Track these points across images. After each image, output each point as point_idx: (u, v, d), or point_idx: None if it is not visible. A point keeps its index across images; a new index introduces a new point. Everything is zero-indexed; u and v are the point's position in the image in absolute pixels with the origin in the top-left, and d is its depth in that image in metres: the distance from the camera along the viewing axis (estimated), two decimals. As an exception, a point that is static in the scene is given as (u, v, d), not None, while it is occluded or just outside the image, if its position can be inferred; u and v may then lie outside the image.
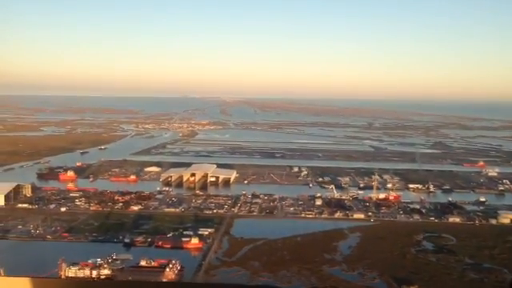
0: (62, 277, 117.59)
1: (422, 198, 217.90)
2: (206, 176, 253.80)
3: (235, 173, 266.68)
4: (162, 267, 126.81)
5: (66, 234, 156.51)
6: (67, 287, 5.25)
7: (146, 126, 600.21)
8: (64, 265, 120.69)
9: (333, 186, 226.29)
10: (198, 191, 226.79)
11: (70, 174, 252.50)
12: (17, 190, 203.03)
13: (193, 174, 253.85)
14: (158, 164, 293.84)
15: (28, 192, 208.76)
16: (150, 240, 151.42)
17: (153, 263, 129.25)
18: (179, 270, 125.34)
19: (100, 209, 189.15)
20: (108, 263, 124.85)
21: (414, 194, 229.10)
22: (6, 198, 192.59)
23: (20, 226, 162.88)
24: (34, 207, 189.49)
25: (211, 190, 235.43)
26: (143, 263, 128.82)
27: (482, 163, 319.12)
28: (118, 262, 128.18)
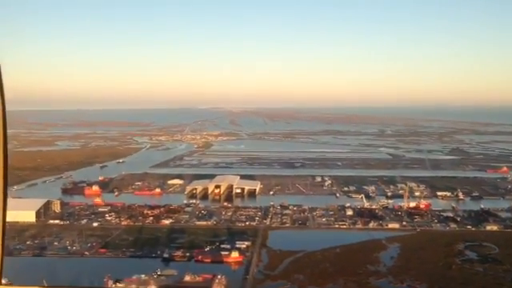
0: None
1: (453, 205, 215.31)
2: (231, 188, 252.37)
3: (259, 184, 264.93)
4: (208, 282, 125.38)
5: (103, 250, 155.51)
6: None
7: (160, 138, 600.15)
8: (110, 282, 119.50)
9: (362, 196, 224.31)
10: (225, 203, 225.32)
11: (95, 188, 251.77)
12: (47, 205, 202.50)
13: (218, 186, 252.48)
14: (179, 176, 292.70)
15: (57, 208, 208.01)
16: (188, 254, 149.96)
17: (197, 278, 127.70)
18: (225, 286, 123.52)
19: (131, 223, 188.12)
20: (154, 279, 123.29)
21: (443, 202, 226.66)
22: (37, 214, 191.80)
23: (56, 243, 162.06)
24: (65, 223, 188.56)
25: (237, 202, 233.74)
26: (188, 278, 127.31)
27: (505, 169, 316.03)
28: (163, 277, 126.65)
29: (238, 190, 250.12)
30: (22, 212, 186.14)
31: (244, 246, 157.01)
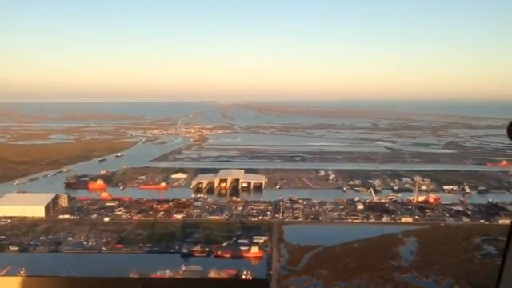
0: None
1: (461, 199, 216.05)
2: (237, 182, 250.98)
3: (264, 178, 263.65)
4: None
5: (119, 246, 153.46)
6: (62, 285, 3.91)
7: (154, 131, 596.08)
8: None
9: (371, 190, 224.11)
10: (234, 197, 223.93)
11: (99, 182, 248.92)
12: (55, 200, 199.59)
13: (224, 180, 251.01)
14: (181, 170, 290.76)
15: (64, 202, 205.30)
16: (207, 249, 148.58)
17: (222, 274, 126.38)
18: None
19: (143, 218, 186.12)
20: (180, 275, 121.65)
21: (450, 196, 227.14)
22: (46, 209, 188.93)
23: (70, 238, 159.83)
24: (75, 218, 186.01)
25: (244, 196, 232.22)
26: (212, 274, 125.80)
27: (505, 162, 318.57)
28: (188, 274, 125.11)
29: (245, 184, 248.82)
30: (30, 207, 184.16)
31: (261, 240, 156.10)
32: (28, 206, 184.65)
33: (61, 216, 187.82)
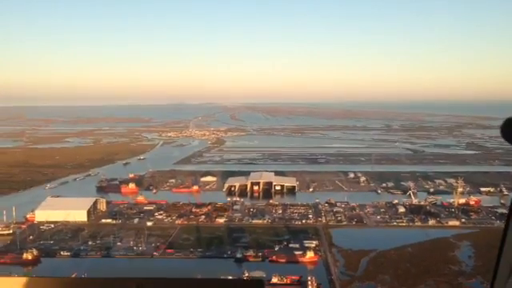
0: None
1: (502, 201, 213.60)
2: (269, 185, 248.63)
3: (295, 180, 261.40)
4: (298, 283, 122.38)
5: (170, 250, 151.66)
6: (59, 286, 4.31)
7: (169, 134, 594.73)
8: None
9: (410, 193, 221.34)
10: (271, 201, 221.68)
11: (132, 186, 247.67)
12: (94, 204, 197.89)
13: (256, 183, 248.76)
14: (209, 173, 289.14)
15: (103, 207, 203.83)
16: (260, 254, 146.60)
17: (285, 280, 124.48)
18: (318, 287, 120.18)
19: (185, 222, 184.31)
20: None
21: (488, 198, 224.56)
22: (88, 213, 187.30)
23: (119, 243, 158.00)
24: (117, 222, 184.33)
25: (278, 199, 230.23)
26: (275, 280, 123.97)
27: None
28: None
29: (278, 187, 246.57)
30: (73, 211, 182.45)
31: (313, 245, 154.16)
32: (70, 210, 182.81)
33: (103, 220, 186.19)
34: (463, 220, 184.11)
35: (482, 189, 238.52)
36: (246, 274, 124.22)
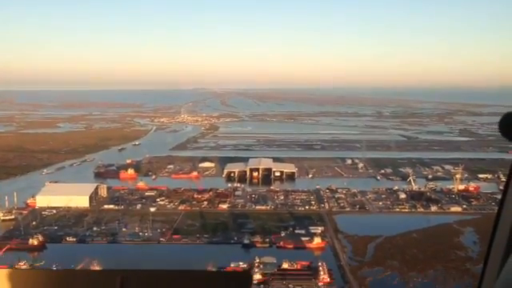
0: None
1: (501, 188, 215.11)
2: (268, 171, 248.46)
3: (294, 167, 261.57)
4: (308, 269, 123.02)
5: (177, 236, 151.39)
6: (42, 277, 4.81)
7: (161, 119, 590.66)
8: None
9: (411, 179, 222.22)
10: (272, 187, 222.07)
11: (131, 172, 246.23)
12: (95, 190, 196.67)
13: (255, 169, 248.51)
14: (206, 159, 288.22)
15: (104, 192, 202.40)
16: (267, 240, 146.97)
17: (295, 265, 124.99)
18: (329, 273, 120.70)
19: (188, 208, 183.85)
20: (258, 267, 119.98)
21: (486, 184, 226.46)
22: (90, 199, 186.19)
23: (124, 229, 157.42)
24: (120, 208, 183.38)
25: (278, 185, 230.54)
26: (286, 266, 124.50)
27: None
28: (264, 265, 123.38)
29: (277, 174, 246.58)
30: (75, 197, 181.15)
31: (318, 231, 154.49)
32: (71, 196, 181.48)
33: (105, 206, 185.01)
34: (464, 206, 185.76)
35: (480, 175, 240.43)
36: (257, 260, 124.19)
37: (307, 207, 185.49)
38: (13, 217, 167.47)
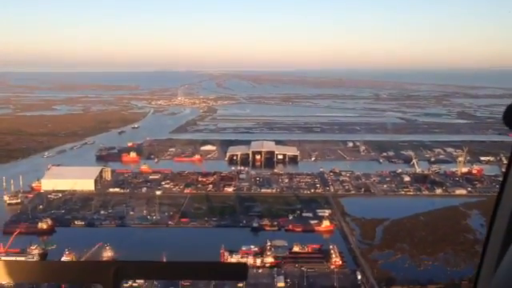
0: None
1: (504, 170, 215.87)
2: (271, 154, 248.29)
3: (296, 149, 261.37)
4: (319, 252, 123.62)
5: (185, 220, 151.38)
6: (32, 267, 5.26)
7: (158, 102, 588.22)
8: (226, 253, 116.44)
9: (414, 162, 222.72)
10: (275, 170, 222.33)
11: (133, 155, 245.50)
12: (100, 173, 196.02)
13: (258, 152, 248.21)
14: (207, 142, 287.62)
15: (108, 176, 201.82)
16: (276, 223, 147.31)
17: (306, 248, 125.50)
18: (341, 255, 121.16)
19: (194, 191, 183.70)
20: (270, 250, 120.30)
21: (489, 167, 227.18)
22: (95, 182, 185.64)
23: (132, 212, 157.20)
24: (125, 191, 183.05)
25: (281, 168, 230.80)
26: (297, 249, 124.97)
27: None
28: (276, 249, 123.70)
29: (280, 156, 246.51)
30: (80, 180, 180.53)
31: (326, 214, 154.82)
32: (76, 179, 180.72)
33: (110, 189, 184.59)
34: (469, 189, 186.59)
35: (482, 158, 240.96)
36: (269, 243, 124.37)
37: (312, 190, 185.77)
38: (19, 200, 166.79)
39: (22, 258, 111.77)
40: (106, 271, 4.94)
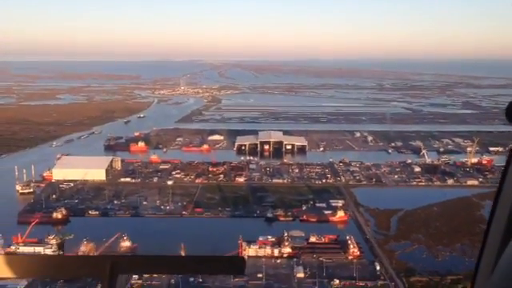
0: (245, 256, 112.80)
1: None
2: (279, 144, 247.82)
3: (304, 140, 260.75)
4: (336, 242, 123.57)
5: (199, 210, 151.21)
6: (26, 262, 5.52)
7: (161, 91, 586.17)
8: (244, 244, 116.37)
9: (424, 152, 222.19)
10: (285, 160, 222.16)
11: (141, 144, 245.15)
12: (110, 163, 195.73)
13: (266, 142, 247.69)
14: (215, 132, 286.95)
15: (118, 165, 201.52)
16: (290, 214, 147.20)
17: (323, 239, 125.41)
18: (359, 246, 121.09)
19: (205, 181, 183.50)
20: (288, 241, 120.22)
21: (498, 157, 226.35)
22: (106, 172, 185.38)
23: (145, 202, 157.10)
24: (137, 181, 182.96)
25: (290, 158, 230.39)
26: (313, 239, 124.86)
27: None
28: (293, 239, 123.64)
29: (289, 147, 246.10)
30: (91, 170, 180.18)
31: (339, 204, 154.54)
32: (88, 169, 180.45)
33: (122, 179, 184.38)
34: (480, 179, 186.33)
35: (491, 148, 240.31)
36: (286, 234, 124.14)
37: (324, 180, 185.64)
38: (31, 190, 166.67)
39: (41, 248, 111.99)
40: (103, 265, 5.03)
